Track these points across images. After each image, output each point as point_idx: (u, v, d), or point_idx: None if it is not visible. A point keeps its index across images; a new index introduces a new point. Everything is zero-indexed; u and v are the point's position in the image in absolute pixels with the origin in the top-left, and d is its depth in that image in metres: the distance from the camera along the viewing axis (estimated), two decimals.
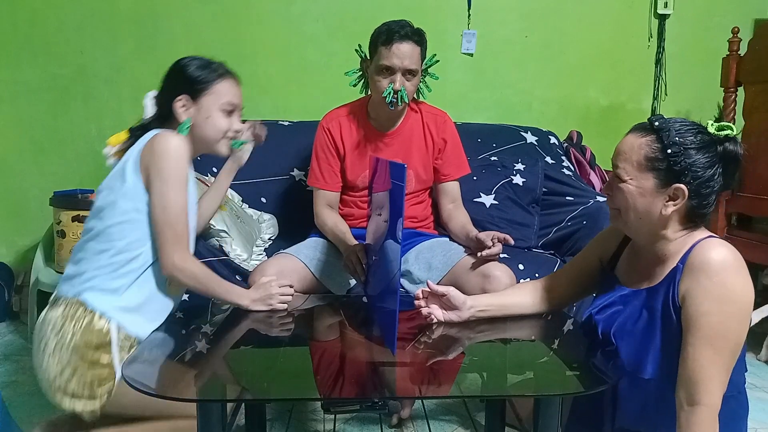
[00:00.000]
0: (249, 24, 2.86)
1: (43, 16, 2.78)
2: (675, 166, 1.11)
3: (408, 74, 1.82)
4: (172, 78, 1.44)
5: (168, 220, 1.30)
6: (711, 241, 1.13)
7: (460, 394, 1.42)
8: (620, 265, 1.32)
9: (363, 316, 1.61)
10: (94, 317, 1.27)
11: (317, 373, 1.21)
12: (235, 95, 1.45)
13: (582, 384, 1.20)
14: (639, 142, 1.14)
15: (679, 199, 1.12)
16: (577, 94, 3.08)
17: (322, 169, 1.99)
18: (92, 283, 1.30)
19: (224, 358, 1.27)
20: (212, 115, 1.41)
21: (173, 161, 1.31)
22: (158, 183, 1.30)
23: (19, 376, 2.22)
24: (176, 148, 1.32)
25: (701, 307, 1.08)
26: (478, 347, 1.36)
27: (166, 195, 1.30)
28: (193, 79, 1.41)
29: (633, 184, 1.15)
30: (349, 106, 2.03)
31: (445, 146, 2.02)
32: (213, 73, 1.42)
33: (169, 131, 1.37)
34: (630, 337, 1.20)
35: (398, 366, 1.23)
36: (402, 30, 1.80)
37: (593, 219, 2.19)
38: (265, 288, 1.45)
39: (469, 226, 1.93)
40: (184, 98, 1.40)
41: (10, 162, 2.84)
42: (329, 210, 1.99)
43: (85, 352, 1.25)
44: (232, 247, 2.03)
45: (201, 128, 1.42)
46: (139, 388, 1.05)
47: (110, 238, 1.31)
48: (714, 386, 1.07)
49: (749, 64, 2.66)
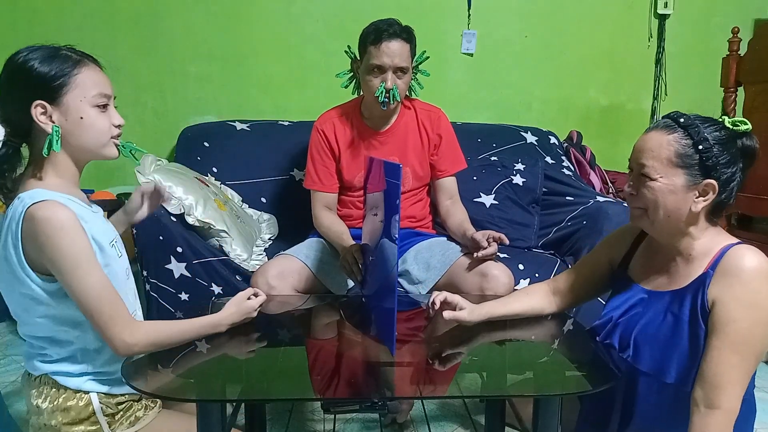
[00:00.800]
0: (249, 24, 2.85)
1: (43, 16, 2.78)
2: (707, 161, 1.10)
3: (399, 72, 1.81)
4: (14, 83, 1.11)
5: (95, 309, 1.10)
6: (743, 247, 1.12)
7: (460, 394, 1.41)
8: (634, 264, 1.31)
9: (362, 316, 1.61)
10: (68, 393, 1.18)
11: (317, 374, 1.21)
12: (104, 84, 1.16)
13: (582, 384, 1.20)
14: (667, 138, 1.13)
15: (709, 194, 1.12)
16: (577, 94, 3.08)
17: (318, 171, 1.99)
18: (55, 362, 1.19)
19: (224, 358, 1.26)
20: (85, 115, 1.13)
21: (69, 246, 1.07)
22: (65, 277, 1.09)
23: (19, 377, 2.22)
24: (62, 227, 1.06)
25: (732, 313, 1.07)
26: (478, 347, 1.36)
27: (81, 286, 1.09)
28: (43, 76, 1.09)
29: (663, 181, 1.13)
30: (342, 107, 2.03)
31: (441, 142, 2.01)
32: (66, 63, 1.12)
33: (41, 202, 1.08)
34: (653, 341, 1.19)
35: (398, 366, 1.23)
36: (390, 28, 1.79)
37: (593, 219, 2.19)
38: (241, 308, 1.31)
39: (467, 224, 1.92)
40: (41, 104, 1.09)
41: None
42: (327, 211, 1.99)
43: (70, 429, 1.19)
44: (232, 247, 2.03)
45: (76, 134, 1.13)
46: (138, 388, 1.06)
47: (44, 316, 1.16)
48: (735, 391, 1.07)
49: (749, 64, 2.66)
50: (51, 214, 1.07)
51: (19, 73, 1.10)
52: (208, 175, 2.40)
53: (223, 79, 2.87)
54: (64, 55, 1.13)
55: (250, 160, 2.51)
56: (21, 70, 1.10)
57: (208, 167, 2.46)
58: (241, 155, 2.51)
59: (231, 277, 1.99)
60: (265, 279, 1.74)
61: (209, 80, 2.86)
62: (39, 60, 1.10)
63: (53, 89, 1.10)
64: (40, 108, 1.10)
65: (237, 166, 2.50)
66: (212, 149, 2.52)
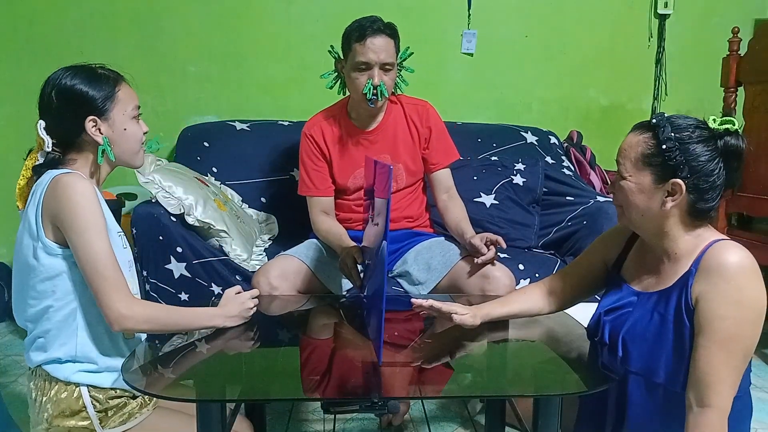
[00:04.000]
0: (249, 24, 2.85)
1: (43, 16, 2.78)
2: (670, 161, 1.11)
3: (384, 68, 1.80)
4: (67, 101, 1.24)
5: (99, 272, 1.17)
6: (725, 244, 1.13)
7: (460, 394, 1.41)
8: (627, 264, 1.31)
9: (362, 316, 1.61)
10: (60, 386, 1.22)
11: (317, 374, 1.21)
12: (136, 97, 1.32)
13: (582, 384, 1.20)
14: (637, 139, 1.16)
15: (677, 194, 1.13)
16: (577, 94, 3.08)
17: (311, 176, 1.97)
18: (47, 350, 1.22)
19: (224, 358, 1.26)
20: (128, 126, 1.28)
21: (84, 209, 1.17)
22: (75, 237, 1.17)
23: (19, 377, 2.22)
24: (83, 193, 1.17)
25: (717, 310, 1.08)
26: (478, 347, 1.36)
27: (88, 247, 1.17)
28: (93, 95, 1.25)
29: (632, 180, 1.16)
30: (328, 110, 2.01)
31: (431, 134, 1.99)
32: (108, 81, 1.27)
33: (68, 173, 1.21)
34: (641, 341, 1.19)
35: (398, 366, 1.23)
36: (374, 24, 1.79)
37: (593, 219, 2.19)
38: (236, 302, 1.35)
39: (464, 224, 1.89)
40: (93, 119, 1.24)
41: (10, 162, 2.83)
42: (324, 216, 1.96)
43: (62, 422, 1.21)
44: (232, 247, 2.03)
45: (119, 144, 1.28)
46: (138, 389, 1.06)
47: (42, 295, 1.22)
48: (725, 389, 1.07)
49: (749, 64, 2.66)
50: (74, 182, 1.18)
51: (70, 94, 1.24)
52: (208, 175, 2.40)
53: (223, 79, 2.87)
54: (104, 75, 1.28)
55: (250, 160, 2.51)
56: (71, 91, 1.24)
57: (208, 167, 2.46)
58: (241, 155, 2.51)
59: (231, 277, 1.98)
60: (267, 279, 1.73)
61: (209, 80, 2.86)
62: (85, 82, 1.25)
63: (102, 106, 1.25)
64: (92, 122, 1.24)
65: (237, 166, 2.50)
66: (212, 149, 2.52)
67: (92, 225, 1.17)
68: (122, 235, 1.32)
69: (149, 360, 1.23)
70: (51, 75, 1.26)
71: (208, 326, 1.31)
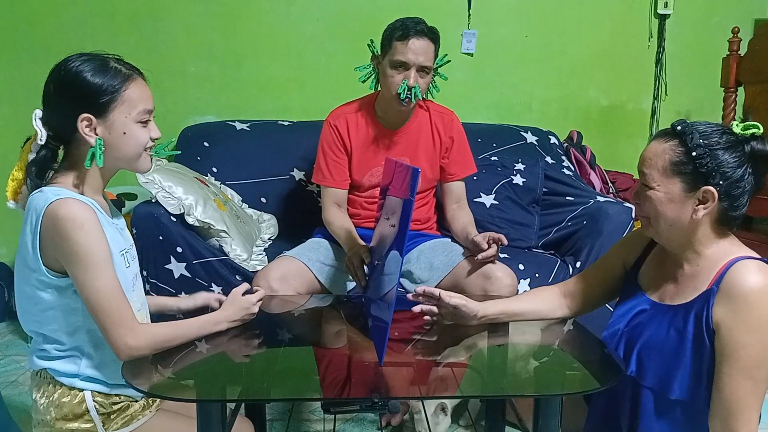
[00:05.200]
0: (249, 24, 2.85)
1: (43, 16, 2.78)
2: (701, 168, 1.09)
3: (422, 71, 1.80)
4: (64, 91, 1.13)
5: (102, 310, 1.11)
6: (747, 264, 1.09)
7: (460, 394, 1.41)
8: (644, 270, 1.29)
9: (363, 316, 1.61)
10: (63, 389, 1.19)
11: (317, 373, 1.21)
12: (148, 99, 1.19)
13: (582, 384, 1.20)
14: (662, 147, 1.13)
15: (709, 201, 1.10)
16: (577, 94, 3.08)
17: (329, 165, 1.96)
18: (51, 358, 1.20)
19: (224, 358, 1.26)
20: (128, 130, 1.16)
21: (85, 247, 1.08)
22: (77, 274, 1.10)
23: (19, 376, 2.22)
24: (81, 225, 1.08)
25: (740, 338, 1.06)
26: (478, 347, 1.36)
27: (90, 284, 1.10)
28: (92, 90, 1.12)
29: (661, 190, 1.13)
30: (356, 104, 2.00)
31: (452, 145, 2.00)
32: (117, 76, 1.15)
33: (62, 199, 1.10)
34: (657, 355, 1.17)
35: (398, 366, 1.23)
36: (418, 26, 1.79)
37: (593, 219, 2.19)
38: (240, 305, 1.31)
39: (470, 227, 1.91)
40: (87, 117, 1.12)
41: (10, 161, 2.84)
42: (336, 209, 1.96)
43: (64, 425, 1.20)
44: (232, 247, 2.03)
45: (115, 148, 1.16)
46: (138, 388, 1.05)
47: (47, 306, 1.16)
48: (752, 416, 1.06)
49: (749, 64, 2.66)
50: (71, 212, 1.08)
51: (69, 83, 1.12)
52: (208, 175, 2.40)
53: (223, 79, 2.87)
54: (114, 69, 1.15)
55: (250, 160, 2.51)
56: (71, 80, 1.12)
57: (208, 167, 2.46)
58: (241, 155, 2.51)
59: (231, 277, 1.98)
60: (267, 282, 1.73)
61: (209, 80, 2.86)
62: (90, 72, 1.12)
63: (101, 104, 1.12)
64: (85, 121, 1.12)
65: (237, 166, 2.50)
66: (212, 149, 2.52)
67: (95, 260, 1.10)
68: (126, 253, 1.24)
69: (150, 360, 1.22)
70: (62, 60, 1.15)
71: (215, 331, 1.28)
